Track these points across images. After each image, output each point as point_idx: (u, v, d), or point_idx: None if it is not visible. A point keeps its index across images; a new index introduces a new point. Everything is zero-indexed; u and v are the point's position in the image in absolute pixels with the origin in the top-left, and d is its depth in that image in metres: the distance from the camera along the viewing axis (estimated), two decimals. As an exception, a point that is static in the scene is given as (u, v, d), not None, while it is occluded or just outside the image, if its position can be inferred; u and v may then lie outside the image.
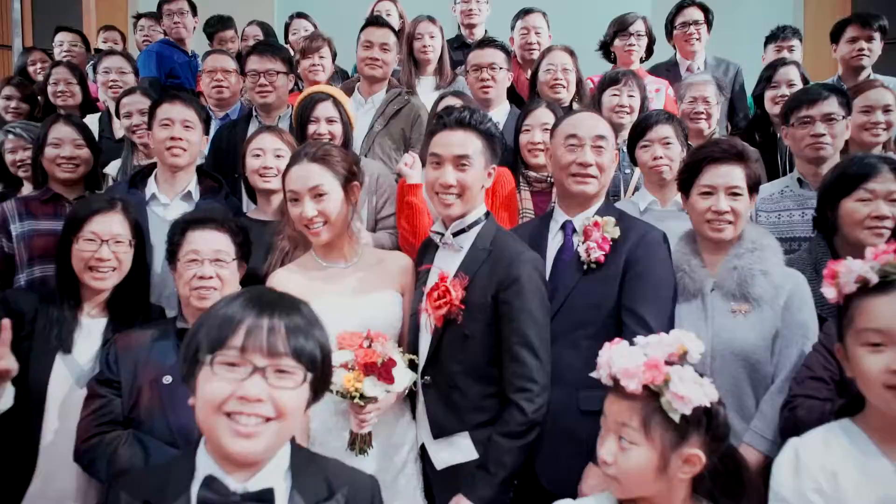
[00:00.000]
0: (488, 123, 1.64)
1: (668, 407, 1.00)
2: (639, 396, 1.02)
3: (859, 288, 1.07)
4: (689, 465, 1.03)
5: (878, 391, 1.04)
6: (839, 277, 1.08)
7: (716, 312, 1.60)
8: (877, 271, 1.05)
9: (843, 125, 2.11)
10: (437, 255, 1.67)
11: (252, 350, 0.90)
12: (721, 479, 1.05)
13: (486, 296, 1.53)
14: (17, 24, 5.98)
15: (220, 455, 0.93)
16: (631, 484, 1.04)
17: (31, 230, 2.07)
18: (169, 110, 2.00)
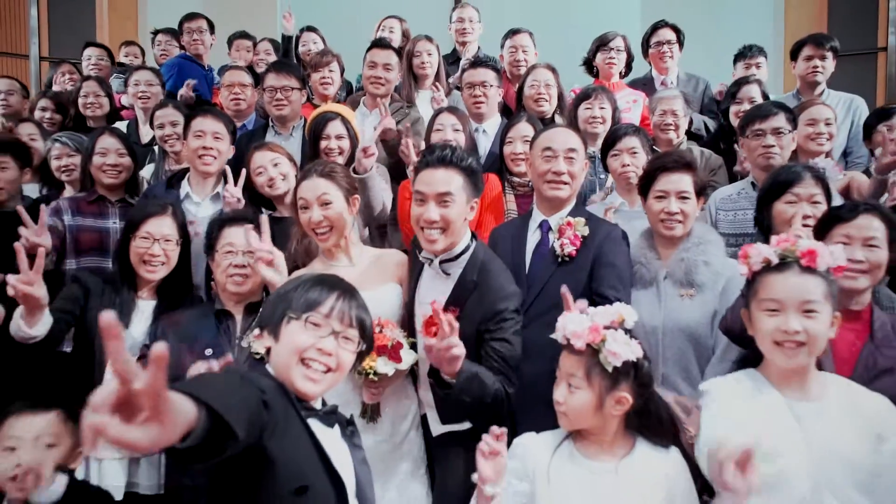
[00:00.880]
0: (469, 160, 1.80)
1: (604, 360, 1.33)
2: (584, 352, 1.35)
3: (763, 267, 1.39)
4: (619, 405, 1.36)
5: (769, 346, 1.36)
6: (749, 258, 1.41)
7: (667, 297, 1.92)
8: (777, 254, 1.38)
9: (789, 138, 2.44)
10: (425, 274, 1.88)
11: (334, 317, 1.24)
12: (645, 417, 1.38)
13: (472, 326, 1.70)
14: (34, 33, 6.29)
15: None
16: (576, 418, 1.37)
17: (79, 225, 2.39)
18: (202, 123, 2.33)
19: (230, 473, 1.15)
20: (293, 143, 2.72)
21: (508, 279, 1.81)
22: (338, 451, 1.28)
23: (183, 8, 6.76)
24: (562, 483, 1.38)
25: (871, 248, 1.66)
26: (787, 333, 1.33)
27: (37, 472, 1.54)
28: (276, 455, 1.13)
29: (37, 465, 1.55)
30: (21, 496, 1.52)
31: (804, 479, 1.31)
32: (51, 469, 1.57)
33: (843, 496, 1.30)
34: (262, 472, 1.13)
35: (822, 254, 1.34)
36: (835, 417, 1.34)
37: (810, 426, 1.34)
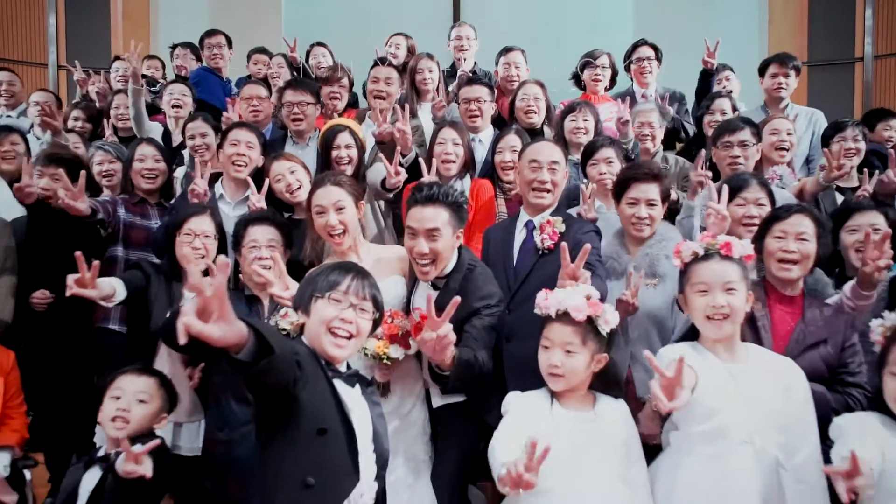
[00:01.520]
0: (454, 195, 2.06)
1: (601, 327, 1.67)
2: (580, 322, 1.67)
3: (693, 258, 1.74)
4: (598, 364, 1.70)
5: (702, 321, 1.71)
6: (681, 253, 1.75)
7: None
8: (703, 247, 1.72)
9: (753, 150, 2.78)
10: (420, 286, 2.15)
11: (351, 293, 1.56)
12: (604, 374, 1.72)
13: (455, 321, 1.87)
14: (52, 41, 6.62)
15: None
16: (571, 378, 1.69)
17: (130, 222, 2.73)
18: (237, 133, 2.67)
19: (272, 417, 1.48)
20: (309, 152, 3.05)
21: (487, 281, 2.10)
22: (357, 406, 1.59)
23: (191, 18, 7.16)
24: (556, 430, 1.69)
25: (802, 242, 1.99)
26: (714, 308, 1.67)
27: (125, 418, 1.87)
28: (305, 403, 1.45)
29: (128, 413, 1.89)
30: (116, 434, 1.87)
31: (741, 423, 1.64)
32: (137, 419, 1.90)
33: (766, 436, 1.64)
34: (293, 416, 1.46)
35: (735, 245, 1.69)
36: (758, 375, 1.68)
37: (741, 382, 1.67)
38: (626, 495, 1.67)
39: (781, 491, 1.62)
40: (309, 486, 1.43)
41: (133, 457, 1.69)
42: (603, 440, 1.69)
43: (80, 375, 2.77)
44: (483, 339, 1.98)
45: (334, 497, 1.46)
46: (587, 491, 1.62)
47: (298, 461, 1.45)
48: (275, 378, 1.33)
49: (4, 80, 4.17)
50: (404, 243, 2.13)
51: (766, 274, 2.08)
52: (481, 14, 7.51)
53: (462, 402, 2.18)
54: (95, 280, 1.99)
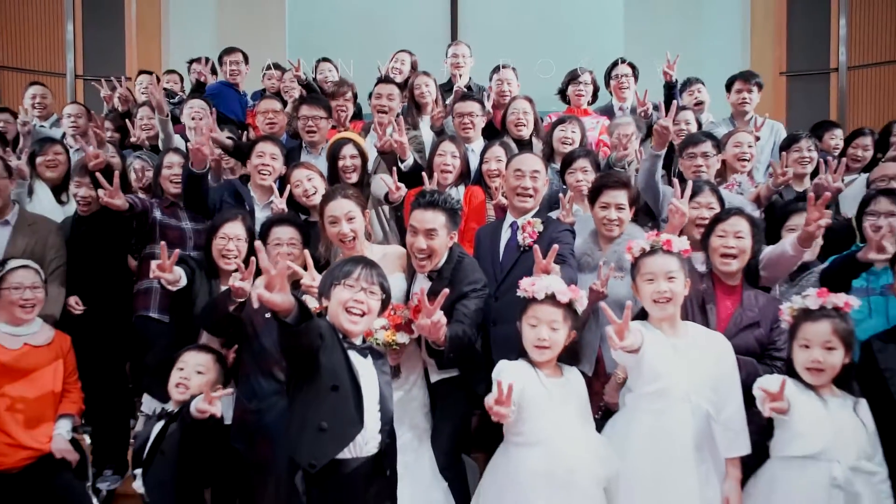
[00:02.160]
0: (451, 202, 2.44)
1: (578, 307, 2.08)
2: (562, 304, 2.08)
3: (642, 253, 2.15)
4: (570, 339, 2.11)
5: (649, 304, 2.12)
6: (633, 249, 2.17)
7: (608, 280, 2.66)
8: (649, 244, 2.14)
9: (714, 160, 3.20)
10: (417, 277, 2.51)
11: (362, 279, 1.95)
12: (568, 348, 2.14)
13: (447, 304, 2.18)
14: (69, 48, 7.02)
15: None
16: (556, 349, 2.09)
17: (165, 223, 3.11)
18: (263, 146, 3.09)
19: (299, 375, 1.88)
20: (321, 160, 3.44)
21: (474, 269, 2.49)
22: (366, 373, 1.98)
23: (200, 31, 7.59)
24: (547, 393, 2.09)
25: (739, 239, 2.40)
26: (659, 293, 2.08)
27: (186, 385, 2.29)
28: (323, 365, 1.85)
29: (188, 381, 2.32)
30: (179, 398, 2.29)
31: (680, 385, 2.06)
32: (196, 386, 2.30)
33: (700, 395, 2.06)
34: (314, 374, 1.85)
35: (674, 242, 2.11)
36: (694, 347, 2.10)
37: (681, 352, 2.08)
38: (593, 437, 2.10)
39: (712, 437, 2.04)
40: (323, 429, 1.83)
41: (209, 399, 2.09)
42: (573, 398, 2.11)
43: (120, 358, 3.18)
44: (471, 317, 2.38)
45: (341, 440, 1.86)
46: (569, 436, 2.05)
47: (316, 410, 1.85)
48: (307, 341, 1.74)
49: (38, 94, 4.58)
50: (406, 240, 2.52)
51: (712, 267, 2.49)
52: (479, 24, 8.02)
53: (455, 377, 2.59)
54: (172, 266, 2.43)
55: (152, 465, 2.18)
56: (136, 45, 7.10)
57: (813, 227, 2.34)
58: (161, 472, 2.16)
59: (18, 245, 2.96)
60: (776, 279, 2.60)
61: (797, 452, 1.96)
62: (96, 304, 3.17)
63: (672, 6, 7.98)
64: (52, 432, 2.60)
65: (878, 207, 2.61)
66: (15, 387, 2.57)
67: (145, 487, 2.18)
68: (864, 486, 1.91)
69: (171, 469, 2.14)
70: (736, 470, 2.06)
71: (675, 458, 2.02)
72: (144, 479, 2.19)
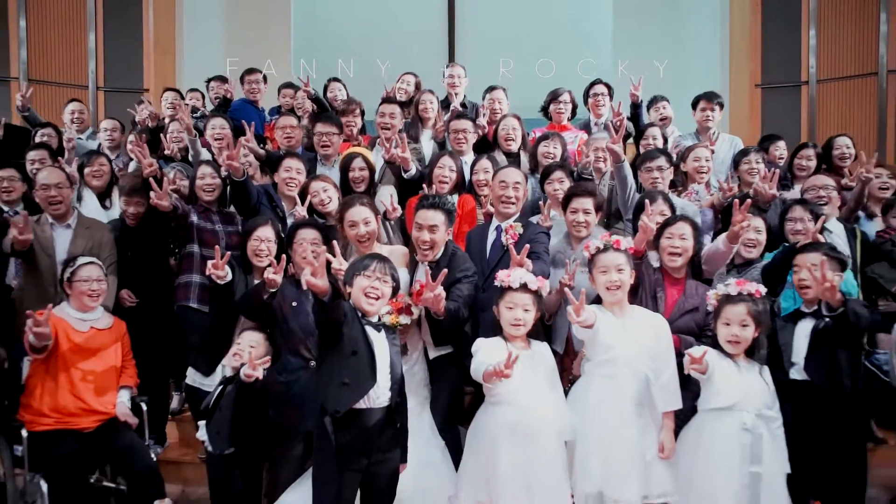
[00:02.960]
0: (449, 205, 3.07)
1: (543, 293, 2.65)
2: (532, 290, 2.64)
3: (597, 250, 2.73)
4: (537, 315, 2.68)
5: (602, 291, 2.70)
6: (589, 248, 2.74)
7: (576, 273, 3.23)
8: (603, 244, 2.72)
9: (667, 172, 3.76)
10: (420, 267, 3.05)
11: (377, 271, 2.52)
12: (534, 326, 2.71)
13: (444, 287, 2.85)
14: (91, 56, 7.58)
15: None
16: (528, 326, 2.66)
17: (202, 226, 3.67)
18: (290, 162, 3.67)
19: (328, 343, 2.45)
20: (334, 172, 4.03)
21: (465, 260, 3.08)
22: (379, 343, 2.54)
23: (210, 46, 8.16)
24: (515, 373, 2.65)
25: (683, 240, 2.97)
26: (611, 282, 2.66)
27: (241, 356, 2.85)
28: (346, 335, 2.43)
29: (243, 353, 2.87)
30: (235, 365, 2.84)
31: (626, 356, 2.63)
32: (248, 359, 2.80)
33: (642, 364, 2.63)
34: (339, 343, 2.43)
35: (622, 242, 2.68)
36: (638, 325, 2.67)
37: (627, 330, 2.66)
38: (557, 398, 2.68)
39: (651, 397, 2.61)
40: (345, 384, 2.42)
41: (252, 366, 2.67)
42: (541, 367, 2.68)
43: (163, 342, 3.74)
44: (463, 297, 2.96)
45: (358, 392, 2.43)
46: (535, 396, 2.61)
47: (340, 369, 2.43)
48: (336, 315, 2.33)
49: (76, 110, 5.17)
50: (412, 234, 3.11)
51: (662, 262, 3.07)
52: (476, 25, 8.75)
53: (450, 354, 3.16)
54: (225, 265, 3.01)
55: (213, 418, 2.75)
56: (153, 59, 7.68)
57: (737, 228, 2.92)
58: (219, 423, 2.73)
59: (79, 245, 3.53)
60: (715, 270, 3.17)
61: (717, 405, 2.54)
62: (143, 295, 3.75)
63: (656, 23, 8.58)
64: (116, 400, 3.17)
65: (795, 215, 3.20)
66: (86, 363, 3.13)
67: (207, 435, 2.75)
68: (765, 429, 2.50)
69: (227, 421, 2.71)
70: (670, 422, 2.64)
71: (621, 412, 2.60)
72: (207, 428, 2.75)
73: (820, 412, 2.59)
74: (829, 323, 2.58)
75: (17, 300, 3.49)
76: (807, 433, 2.59)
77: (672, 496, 2.59)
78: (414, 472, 2.84)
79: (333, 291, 2.28)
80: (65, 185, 3.57)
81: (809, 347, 2.63)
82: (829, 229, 3.49)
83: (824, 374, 2.55)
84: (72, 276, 3.17)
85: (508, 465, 2.54)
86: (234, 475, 2.79)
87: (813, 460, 2.59)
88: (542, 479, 2.53)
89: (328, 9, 9.54)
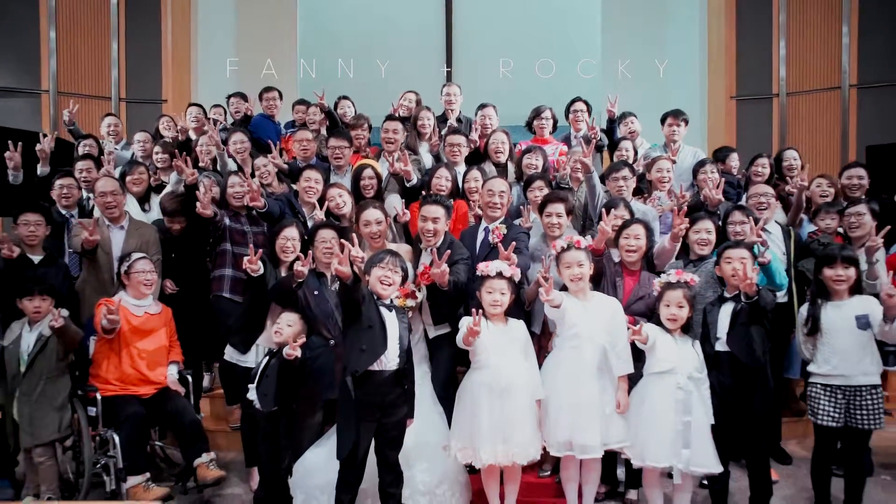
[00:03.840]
0: (447, 203, 3.82)
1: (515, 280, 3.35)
2: (506, 277, 3.33)
3: (563, 249, 3.42)
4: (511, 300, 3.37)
5: (568, 282, 3.40)
6: (556, 247, 3.44)
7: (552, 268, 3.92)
8: (566, 243, 3.41)
9: (631, 182, 4.47)
10: (423, 254, 3.88)
11: (389, 264, 3.22)
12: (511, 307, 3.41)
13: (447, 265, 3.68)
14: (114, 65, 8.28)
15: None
16: (504, 307, 3.34)
17: (233, 227, 4.35)
18: (309, 174, 4.36)
19: (350, 318, 3.15)
20: (346, 179, 4.74)
21: (460, 248, 3.80)
22: (390, 320, 3.23)
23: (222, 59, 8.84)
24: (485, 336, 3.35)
25: (637, 239, 3.67)
26: (573, 275, 3.35)
27: (281, 333, 3.53)
28: (364, 313, 3.13)
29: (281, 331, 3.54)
30: (277, 341, 3.52)
31: (587, 331, 3.31)
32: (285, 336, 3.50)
33: (600, 337, 3.31)
34: (358, 318, 3.12)
35: (582, 241, 3.38)
36: (597, 308, 3.37)
37: (588, 311, 3.35)
38: (528, 364, 3.36)
39: (608, 363, 3.30)
40: (363, 350, 3.11)
41: (292, 346, 3.35)
42: (516, 341, 3.37)
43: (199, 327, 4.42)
44: (461, 273, 3.67)
45: (373, 356, 3.11)
46: (509, 362, 3.30)
47: (359, 338, 3.13)
48: (357, 296, 3.03)
49: (112, 124, 5.88)
50: (418, 225, 3.86)
51: (621, 258, 3.76)
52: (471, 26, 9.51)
53: (446, 334, 3.85)
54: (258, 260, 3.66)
55: (260, 384, 3.43)
56: (171, 73, 8.38)
57: (676, 230, 3.63)
58: (266, 387, 3.40)
59: (131, 243, 4.22)
60: (664, 264, 3.86)
61: (658, 370, 3.23)
62: (182, 287, 4.44)
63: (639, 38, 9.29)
64: (167, 372, 3.86)
65: (735, 218, 3.90)
66: (141, 342, 3.82)
67: (256, 397, 3.42)
68: (695, 388, 3.19)
69: (272, 386, 3.39)
70: (624, 383, 3.33)
71: (585, 376, 3.29)
72: (256, 391, 3.43)
73: (738, 377, 3.29)
74: (745, 306, 3.27)
75: (80, 290, 4.17)
76: (728, 393, 3.28)
77: (626, 442, 3.28)
78: (417, 430, 3.52)
79: (355, 278, 2.98)
80: (118, 192, 4.27)
81: (730, 326, 3.32)
82: (768, 230, 4.19)
83: (741, 347, 3.25)
84: (128, 269, 3.86)
85: (487, 417, 3.23)
86: (278, 429, 3.47)
87: (734, 415, 3.28)
88: (514, 429, 3.22)
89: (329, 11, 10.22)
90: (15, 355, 3.63)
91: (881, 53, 7.70)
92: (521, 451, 3.21)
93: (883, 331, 3.21)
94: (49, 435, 3.55)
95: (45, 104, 7.89)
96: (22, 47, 7.86)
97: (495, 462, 3.23)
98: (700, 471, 3.18)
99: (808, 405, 3.47)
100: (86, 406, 3.65)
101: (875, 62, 7.72)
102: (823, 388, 3.36)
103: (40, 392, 3.57)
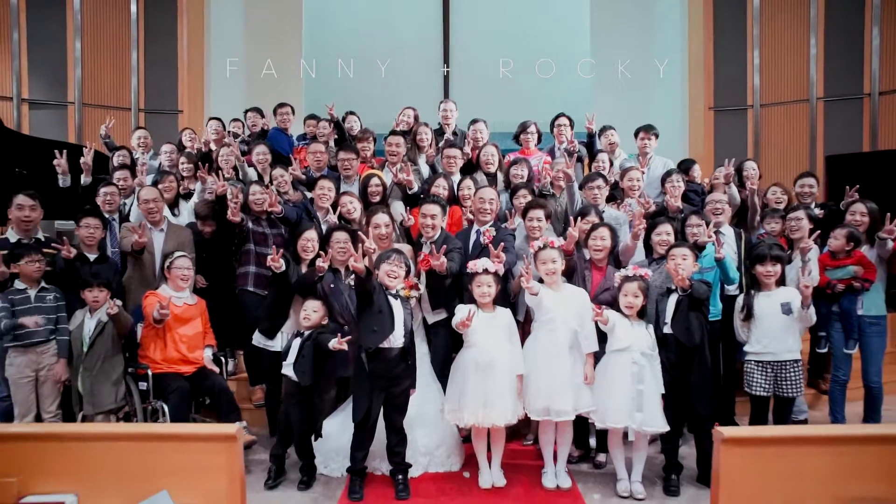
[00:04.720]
0: (443, 202, 4.65)
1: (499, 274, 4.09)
2: (491, 273, 4.07)
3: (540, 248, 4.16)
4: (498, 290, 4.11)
5: (543, 276, 4.14)
6: (533, 247, 4.18)
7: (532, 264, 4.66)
8: (542, 244, 4.16)
9: (604, 190, 5.22)
10: (424, 248, 4.65)
11: (395, 260, 3.98)
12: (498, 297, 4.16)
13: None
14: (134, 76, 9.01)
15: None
16: (491, 297, 4.08)
17: (255, 230, 5.08)
18: (323, 183, 5.10)
19: (364, 304, 3.89)
20: (354, 187, 5.49)
21: (454, 241, 4.56)
22: (396, 307, 3.99)
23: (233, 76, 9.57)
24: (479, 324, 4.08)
25: (602, 240, 4.42)
26: (548, 270, 4.09)
27: (309, 318, 4.25)
28: (375, 300, 3.89)
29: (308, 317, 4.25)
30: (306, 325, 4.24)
31: (560, 315, 4.05)
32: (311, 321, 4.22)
33: (570, 321, 4.04)
34: (370, 304, 3.88)
35: (555, 241, 4.12)
36: (568, 297, 4.11)
37: (561, 299, 4.09)
38: (510, 346, 4.10)
39: (578, 343, 4.04)
40: (374, 331, 3.86)
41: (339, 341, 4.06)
42: (501, 325, 4.11)
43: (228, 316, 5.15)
44: (456, 261, 4.43)
45: (382, 336, 3.87)
46: (494, 343, 4.04)
47: (371, 321, 3.88)
48: (369, 287, 3.78)
49: (142, 136, 6.62)
50: (419, 220, 4.63)
51: (590, 256, 4.50)
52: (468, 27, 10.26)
53: (443, 320, 4.59)
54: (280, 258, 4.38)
55: (297, 361, 4.14)
56: (187, 83, 9.12)
57: (636, 230, 4.39)
58: (302, 365, 4.10)
59: (170, 244, 4.96)
60: (628, 261, 4.60)
61: (617, 347, 3.97)
62: (212, 282, 5.18)
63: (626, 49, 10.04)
64: (203, 355, 4.59)
65: (692, 222, 4.64)
66: (182, 328, 4.55)
67: (294, 373, 4.13)
68: (647, 363, 3.94)
69: (309, 364, 4.09)
70: (590, 359, 4.07)
71: (557, 353, 4.02)
72: (294, 368, 4.14)
73: (681, 355, 4.02)
74: (684, 297, 4.02)
75: (126, 285, 4.91)
76: (674, 368, 4.02)
77: (592, 407, 4.01)
78: (418, 402, 4.28)
79: (367, 272, 3.72)
80: (159, 199, 5.01)
81: (674, 313, 4.06)
82: (722, 232, 4.93)
83: (681, 331, 3.99)
84: (170, 265, 4.60)
85: (471, 386, 3.98)
86: (312, 399, 4.18)
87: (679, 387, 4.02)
88: (494, 397, 3.96)
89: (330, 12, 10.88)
90: (78, 338, 4.37)
91: (845, 67, 8.46)
92: (500, 416, 3.97)
93: (801, 315, 3.96)
94: (108, 404, 4.28)
95: (70, 115, 8.62)
96: (51, 61, 8.60)
97: (476, 423, 3.98)
98: (650, 430, 3.92)
99: (744, 380, 4.22)
100: (137, 382, 4.38)
101: (839, 76, 8.48)
102: (756, 363, 4.12)
103: (99, 368, 4.30)
